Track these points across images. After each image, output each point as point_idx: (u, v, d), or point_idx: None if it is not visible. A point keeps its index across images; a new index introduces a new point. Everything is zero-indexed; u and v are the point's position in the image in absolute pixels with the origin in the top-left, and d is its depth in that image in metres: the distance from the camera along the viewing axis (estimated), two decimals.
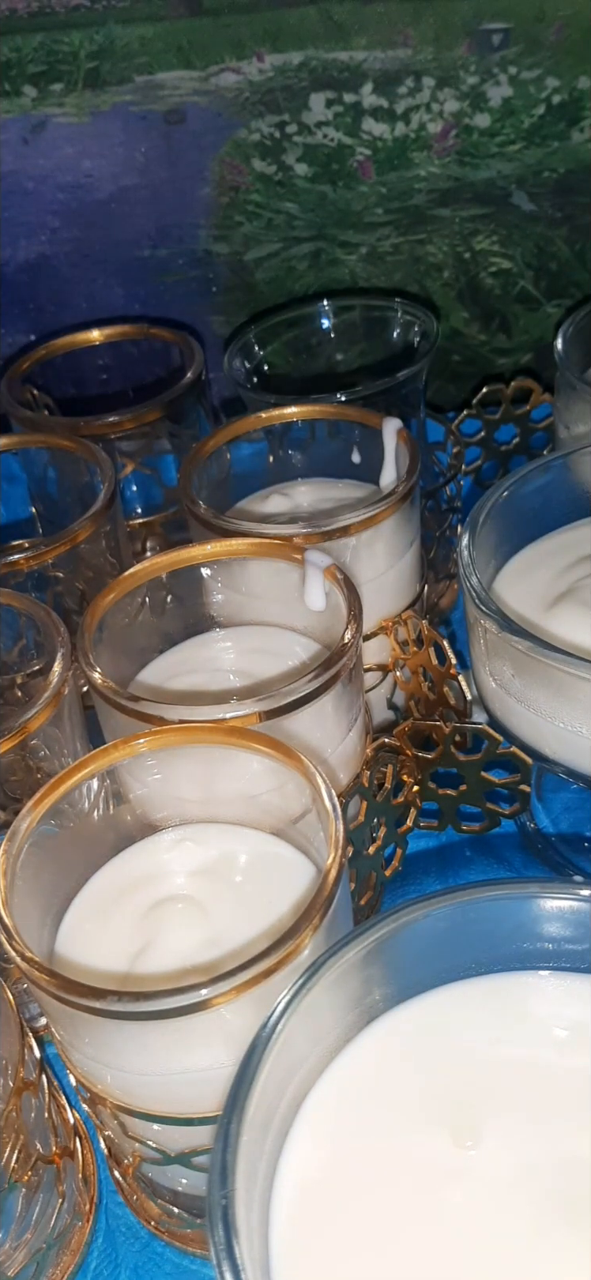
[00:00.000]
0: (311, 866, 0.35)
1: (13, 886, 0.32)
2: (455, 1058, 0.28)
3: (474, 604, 0.39)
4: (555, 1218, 0.25)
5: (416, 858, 0.45)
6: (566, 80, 0.58)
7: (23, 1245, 0.33)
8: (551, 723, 0.38)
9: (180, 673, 0.43)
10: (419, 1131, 0.26)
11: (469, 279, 0.63)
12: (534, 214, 0.61)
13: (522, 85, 0.58)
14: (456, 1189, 0.25)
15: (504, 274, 0.63)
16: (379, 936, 0.27)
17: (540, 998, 0.29)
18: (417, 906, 0.28)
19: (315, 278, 0.63)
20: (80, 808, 0.35)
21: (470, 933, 0.28)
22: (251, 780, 0.35)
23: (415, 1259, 0.24)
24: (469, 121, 0.59)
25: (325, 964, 0.27)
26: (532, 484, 0.44)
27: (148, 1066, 0.30)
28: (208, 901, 0.35)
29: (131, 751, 0.35)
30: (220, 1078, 0.27)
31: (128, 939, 0.34)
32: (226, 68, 0.57)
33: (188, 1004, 0.28)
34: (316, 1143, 0.26)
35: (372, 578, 0.44)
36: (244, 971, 0.28)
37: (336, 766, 0.39)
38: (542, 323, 0.64)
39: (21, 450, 0.54)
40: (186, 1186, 0.34)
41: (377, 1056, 0.28)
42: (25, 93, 0.57)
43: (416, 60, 0.57)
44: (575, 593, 0.41)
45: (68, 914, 0.35)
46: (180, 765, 0.37)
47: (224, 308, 0.64)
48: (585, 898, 0.28)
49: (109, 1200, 0.37)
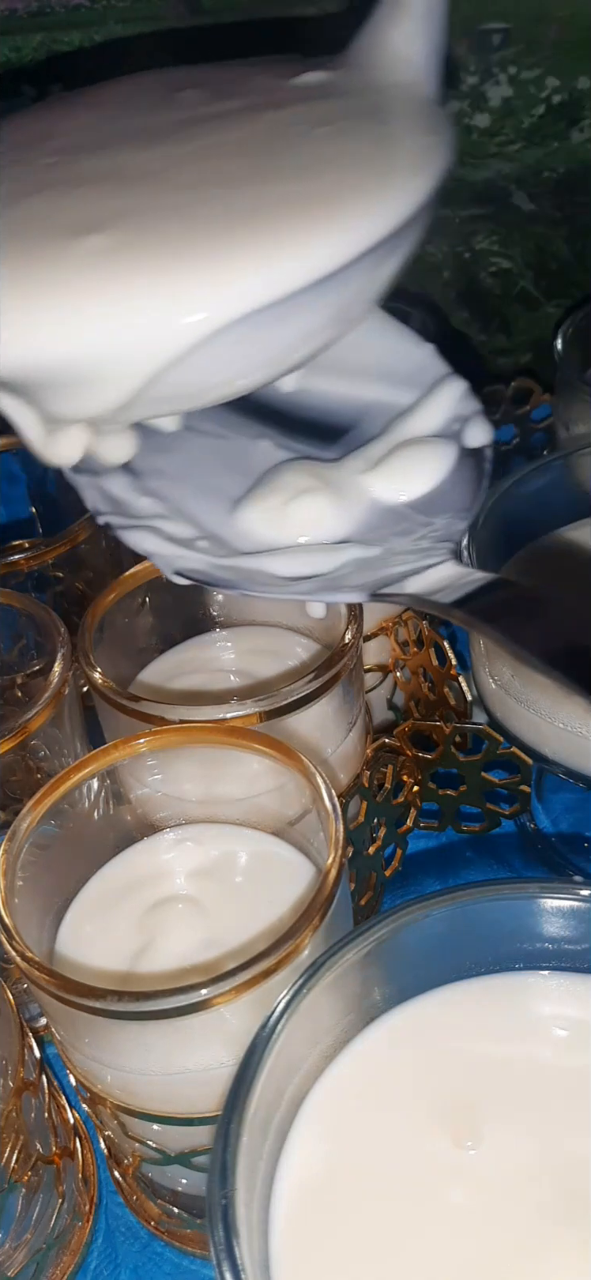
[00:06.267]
0: (311, 866, 0.35)
1: (13, 886, 0.32)
2: (455, 1058, 0.28)
3: None
4: (555, 1217, 0.25)
5: (416, 858, 0.45)
6: (566, 80, 0.58)
7: (23, 1245, 0.33)
8: (551, 723, 0.38)
9: (180, 673, 0.43)
10: (419, 1131, 0.26)
11: (469, 279, 0.63)
12: (534, 214, 0.61)
13: (522, 85, 0.58)
14: (456, 1189, 0.25)
15: (504, 274, 0.63)
16: (379, 936, 0.27)
17: (540, 998, 0.29)
18: (417, 906, 0.28)
19: None
20: (80, 808, 0.35)
21: (470, 933, 0.28)
22: (251, 780, 0.35)
23: (415, 1259, 0.24)
24: (468, 121, 0.59)
25: (325, 964, 0.27)
26: (532, 484, 0.44)
27: (148, 1066, 0.30)
28: (208, 902, 0.35)
29: (131, 751, 0.35)
30: (220, 1078, 0.27)
31: (128, 939, 0.34)
32: None
33: (188, 1004, 0.28)
34: (316, 1143, 0.26)
35: None
36: (244, 971, 0.28)
37: (336, 767, 0.39)
38: (542, 323, 0.64)
39: (21, 450, 0.54)
40: (186, 1186, 0.34)
41: (377, 1056, 0.28)
42: (25, 93, 0.57)
43: None
44: None
45: (68, 914, 0.35)
46: (180, 765, 0.37)
47: None
48: (585, 898, 0.28)
49: (109, 1200, 0.37)
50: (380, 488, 0.36)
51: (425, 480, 0.36)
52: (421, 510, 0.36)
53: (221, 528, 0.36)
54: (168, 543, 0.35)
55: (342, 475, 0.37)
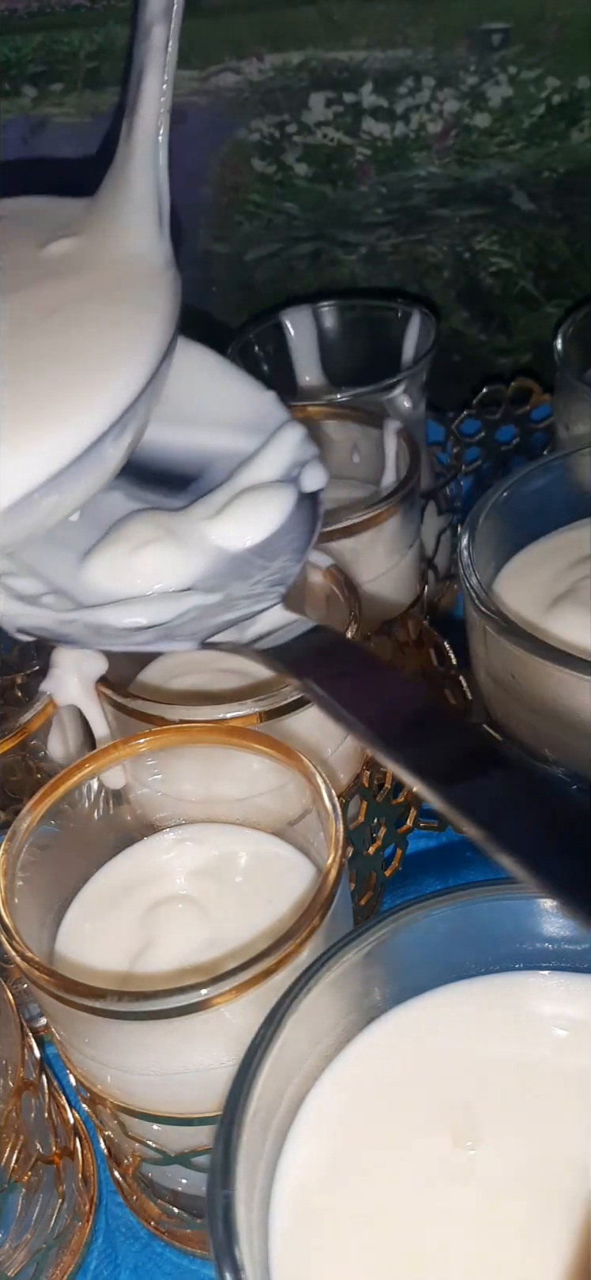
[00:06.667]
0: (311, 866, 0.35)
1: (13, 886, 0.32)
2: (455, 1058, 0.28)
3: (473, 604, 0.39)
4: (555, 1217, 0.25)
5: (416, 858, 0.45)
6: (566, 80, 0.58)
7: (23, 1245, 0.33)
8: (551, 723, 0.38)
9: (180, 673, 0.43)
10: (419, 1131, 0.26)
11: (469, 279, 0.63)
12: (534, 214, 0.61)
13: (522, 85, 0.58)
14: (456, 1189, 0.25)
15: (504, 274, 0.63)
16: (379, 936, 0.27)
17: (540, 998, 0.29)
18: (417, 906, 0.28)
19: (315, 278, 0.63)
20: (80, 808, 0.35)
21: (470, 933, 0.28)
22: (251, 780, 0.35)
23: (415, 1259, 0.24)
24: (469, 121, 0.59)
25: (325, 964, 0.27)
26: (532, 484, 0.44)
27: (148, 1066, 0.30)
28: (208, 902, 0.35)
29: (131, 751, 0.35)
30: (220, 1078, 0.27)
31: (128, 939, 0.34)
32: (226, 68, 0.57)
33: (188, 1004, 0.28)
34: (316, 1143, 0.26)
35: (373, 578, 0.44)
36: (244, 971, 0.28)
37: (336, 766, 0.39)
38: (542, 323, 0.64)
39: None
40: (186, 1186, 0.34)
41: (378, 1056, 0.28)
42: (25, 93, 0.57)
43: (416, 60, 0.57)
44: (575, 593, 0.41)
45: (68, 914, 0.35)
46: (180, 765, 0.37)
47: (223, 308, 0.64)
48: None
49: (109, 1200, 0.37)
50: (222, 534, 0.38)
51: (265, 525, 0.38)
52: (260, 555, 0.38)
53: (68, 581, 0.38)
54: (13, 600, 0.36)
55: (187, 523, 0.38)
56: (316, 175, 0.60)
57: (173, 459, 0.41)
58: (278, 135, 0.59)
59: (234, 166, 0.60)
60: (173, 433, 0.42)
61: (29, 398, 0.37)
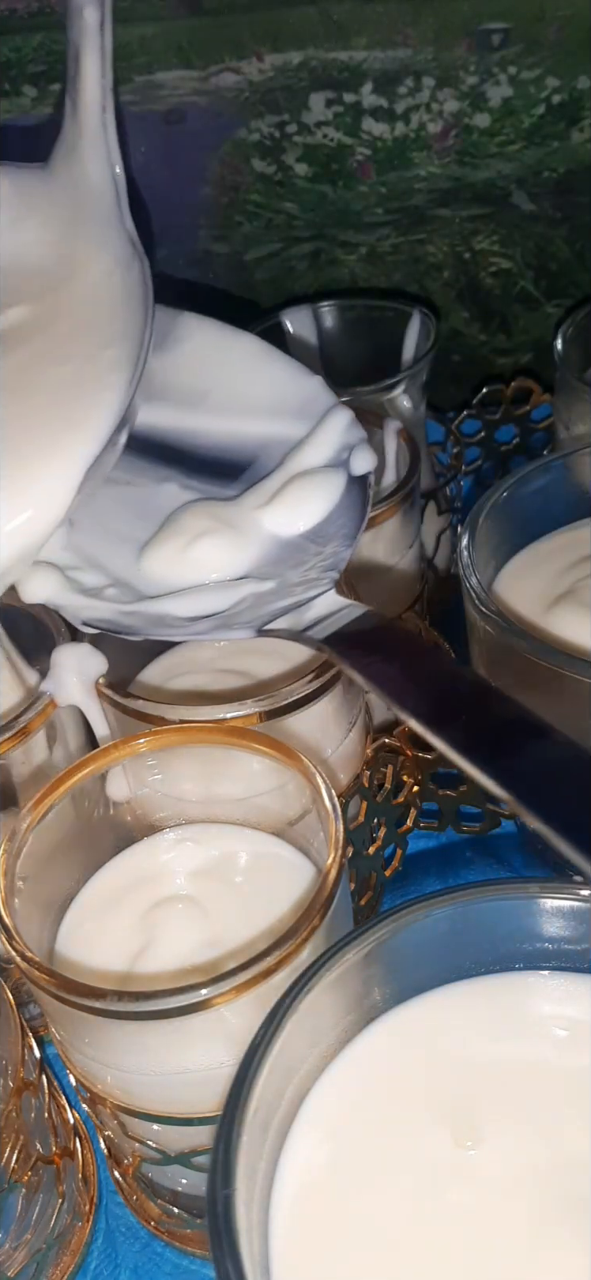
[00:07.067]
0: (311, 867, 0.35)
1: (13, 886, 0.32)
2: (455, 1058, 0.28)
3: (473, 604, 0.39)
4: (555, 1218, 0.25)
5: (416, 858, 0.45)
6: (566, 80, 0.58)
7: (23, 1245, 0.33)
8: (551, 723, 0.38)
9: (180, 673, 0.43)
10: (419, 1131, 0.26)
11: (469, 279, 0.63)
12: (534, 214, 0.61)
13: (522, 85, 0.58)
14: (456, 1189, 0.25)
15: (504, 274, 0.63)
16: (379, 936, 0.27)
17: (540, 998, 0.29)
18: (417, 906, 0.28)
19: (315, 278, 0.63)
20: (80, 808, 0.35)
21: (470, 933, 0.28)
22: (251, 780, 0.35)
23: (415, 1259, 0.24)
24: (469, 121, 0.59)
25: (325, 964, 0.27)
26: (532, 484, 0.44)
27: (148, 1066, 0.30)
28: (208, 902, 0.35)
29: (131, 751, 0.35)
30: (220, 1078, 0.27)
31: (128, 939, 0.34)
32: (226, 68, 0.57)
33: (188, 1004, 0.28)
34: (316, 1143, 0.26)
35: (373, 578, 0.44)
36: (244, 971, 0.28)
37: (336, 766, 0.39)
38: (542, 323, 0.64)
39: None
40: (186, 1186, 0.34)
41: (378, 1056, 0.28)
42: (25, 93, 0.57)
43: (416, 60, 0.57)
44: (575, 593, 0.41)
45: (68, 914, 0.35)
46: (180, 765, 0.37)
47: (223, 308, 0.64)
48: (585, 898, 0.28)
49: (109, 1200, 0.37)
50: (275, 521, 0.39)
51: (317, 510, 0.39)
52: (312, 540, 0.38)
53: (129, 573, 0.39)
54: (78, 594, 0.37)
55: (240, 512, 0.39)
56: (316, 175, 0.60)
57: (224, 447, 0.42)
58: (278, 135, 0.59)
59: (234, 166, 0.60)
60: (222, 421, 0.42)
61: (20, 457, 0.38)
